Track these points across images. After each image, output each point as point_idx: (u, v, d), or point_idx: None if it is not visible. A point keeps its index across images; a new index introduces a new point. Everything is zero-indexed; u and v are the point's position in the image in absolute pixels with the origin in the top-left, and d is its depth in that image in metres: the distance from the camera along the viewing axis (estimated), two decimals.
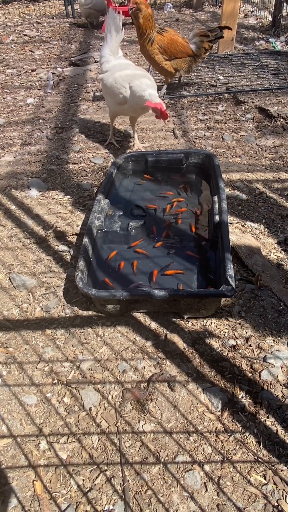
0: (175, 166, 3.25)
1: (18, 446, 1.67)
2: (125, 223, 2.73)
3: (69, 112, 4.70)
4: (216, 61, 5.64)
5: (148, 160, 3.25)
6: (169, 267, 2.37)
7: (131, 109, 3.25)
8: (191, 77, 5.21)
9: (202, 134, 4.02)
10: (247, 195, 3.11)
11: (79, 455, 1.64)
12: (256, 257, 2.51)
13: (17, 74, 5.99)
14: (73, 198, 3.17)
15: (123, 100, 3.30)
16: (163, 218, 2.79)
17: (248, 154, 3.69)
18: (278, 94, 4.62)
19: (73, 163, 3.66)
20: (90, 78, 5.65)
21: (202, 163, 3.22)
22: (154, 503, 1.50)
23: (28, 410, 1.80)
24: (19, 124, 4.45)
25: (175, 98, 4.73)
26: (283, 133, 3.97)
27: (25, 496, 1.54)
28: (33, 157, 3.80)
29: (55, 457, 1.64)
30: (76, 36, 7.84)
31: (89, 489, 1.54)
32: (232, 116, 4.34)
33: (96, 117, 4.51)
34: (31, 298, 2.34)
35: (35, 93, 5.28)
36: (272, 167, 3.48)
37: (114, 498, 1.52)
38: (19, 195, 3.22)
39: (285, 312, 2.17)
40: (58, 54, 6.84)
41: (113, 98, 3.41)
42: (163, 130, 4.13)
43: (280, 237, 2.71)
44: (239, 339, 2.04)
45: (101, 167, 3.59)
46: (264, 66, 5.30)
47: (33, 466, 1.62)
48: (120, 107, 3.42)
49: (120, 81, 3.24)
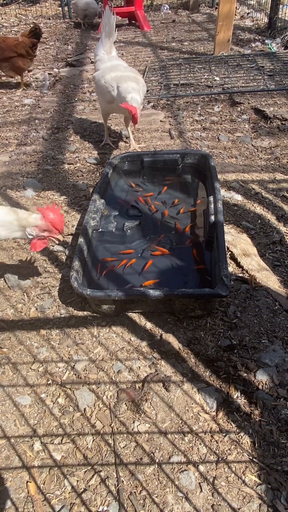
0: (171, 167, 3.25)
1: (12, 447, 1.66)
2: (121, 223, 2.72)
3: (65, 113, 4.69)
4: (212, 62, 5.65)
5: (144, 160, 3.25)
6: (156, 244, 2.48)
7: (119, 108, 3.32)
8: (188, 78, 5.22)
9: (198, 135, 4.02)
10: (243, 195, 3.12)
11: (74, 456, 1.63)
12: (252, 257, 2.51)
13: None
14: (69, 198, 3.16)
15: (111, 99, 3.38)
16: (159, 219, 2.79)
17: (244, 154, 3.70)
18: (274, 95, 4.63)
19: (69, 163, 3.66)
20: (86, 79, 5.65)
21: (198, 164, 3.22)
22: (148, 504, 1.49)
23: (22, 410, 1.79)
24: (15, 124, 4.44)
25: (171, 98, 4.74)
26: (279, 134, 3.98)
27: (18, 497, 1.53)
28: (29, 157, 3.79)
29: (49, 458, 1.63)
30: (73, 37, 7.84)
31: (83, 490, 1.53)
32: (228, 117, 4.35)
33: (92, 118, 4.51)
34: (26, 298, 2.33)
35: (31, 93, 5.27)
36: (267, 168, 3.49)
37: (108, 499, 1.51)
38: (14, 195, 3.21)
39: (280, 312, 2.17)
40: (54, 54, 6.84)
41: (102, 96, 3.49)
42: (159, 130, 4.14)
43: (276, 238, 2.71)
44: (234, 339, 2.04)
45: (97, 167, 3.59)
46: (260, 67, 5.33)
47: (27, 467, 1.60)
48: (109, 105, 3.50)
49: (110, 81, 3.31)
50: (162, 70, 5.58)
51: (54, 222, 2.07)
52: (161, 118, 4.39)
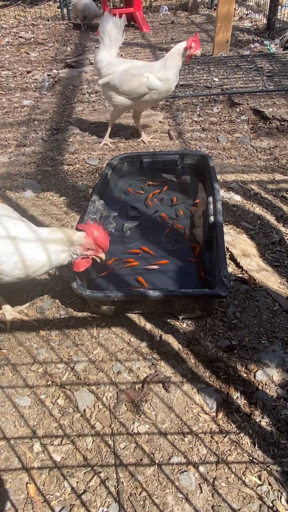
0: (170, 167, 3.25)
1: (11, 448, 1.66)
2: (120, 224, 2.72)
3: (64, 114, 4.69)
4: (211, 63, 5.66)
5: (143, 161, 3.25)
6: None
7: (153, 97, 3.45)
8: (186, 79, 5.23)
9: (197, 136, 4.03)
10: (242, 196, 3.12)
11: (73, 457, 1.63)
12: (251, 257, 2.51)
13: (12, 75, 5.99)
14: (68, 199, 3.16)
15: (145, 90, 3.42)
16: (158, 221, 2.79)
17: (243, 155, 3.70)
18: (273, 96, 4.64)
19: (68, 164, 3.66)
20: (85, 80, 5.66)
21: (197, 164, 3.22)
22: (148, 505, 1.48)
23: (21, 412, 1.78)
24: (14, 126, 4.44)
25: (170, 99, 4.74)
26: (278, 135, 3.98)
27: (18, 499, 1.52)
28: (28, 158, 3.79)
29: (49, 459, 1.63)
30: (72, 38, 7.85)
31: (83, 491, 1.53)
32: (227, 117, 4.35)
33: (91, 119, 4.51)
34: (25, 298, 2.32)
35: (31, 94, 5.27)
36: (267, 168, 3.49)
37: (108, 500, 1.50)
38: (13, 196, 3.20)
39: (279, 312, 2.17)
40: (53, 56, 6.84)
41: (130, 94, 3.49)
42: (158, 131, 4.14)
43: (275, 238, 2.71)
44: (234, 339, 2.04)
45: (96, 168, 3.59)
46: (259, 68, 5.33)
47: (26, 469, 1.60)
48: (136, 101, 3.54)
49: (140, 72, 3.37)
50: None
51: (99, 240, 1.93)
52: (160, 118, 4.39)
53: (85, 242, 1.93)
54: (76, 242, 1.93)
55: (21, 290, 2.37)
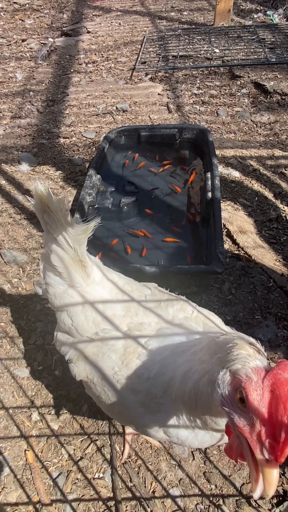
0: (169, 142, 3.20)
1: (10, 418, 1.70)
2: (117, 199, 2.70)
3: (61, 84, 4.57)
4: (212, 34, 5.48)
5: (141, 135, 3.19)
6: None
7: None
8: (187, 50, 5.08)
9: (197, 109, 3.95)
10: (241, 172, 3.09)
11: (70, 425, 1.68)
12: (248, 234, 2.51)
13: (7, 44, 5.79)
14: (64, 173, 3.12)
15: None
16: (154, 197, 2.77)
17: (242, 130, 3.64)
18: (275, 69, 4.52)
19: (65, 137, 3.59)
20: (82, 49, 5.48)
21: (196, 139, 3.17)
22: (143, 471, 1.54)
23: (20, 383, 1.82)
24: (9, 97, 4.33)
25: (170, 70, 4.62)
26: (279, 109, 3.91)
27: (17, 465, 1.58)
28: (24, 130, 3.71)
29: (47, 428, 1.67)
30: (68, 4, 7.55)
31: (80, 458, 1.59)
32: (227, 91, 4.26)
33: (88, 90, 4.40)
34: (22, 274, 2.33)
35: (26, 64, 5.12)
36: (266, 144, 3.45)
37: (104, 467, 1.56)
38: (9, 170, 3.16)
39: (274, 288, 2.20)
40: (49, 23, 6.60)
41: None
42: (157, 104, 4.05)
43: (272, 215, 2.70)
44: (228, 315, 2.06)
45: (93, 141, 3.53)
46: (261, 39, 5.17)
47: (25, 437, 1.65)
48: None
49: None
50: (160, 41, 5.41)
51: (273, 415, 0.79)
52: (159, 91, 4.29)
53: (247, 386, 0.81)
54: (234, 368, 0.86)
55: (18, 265, 2.37)
